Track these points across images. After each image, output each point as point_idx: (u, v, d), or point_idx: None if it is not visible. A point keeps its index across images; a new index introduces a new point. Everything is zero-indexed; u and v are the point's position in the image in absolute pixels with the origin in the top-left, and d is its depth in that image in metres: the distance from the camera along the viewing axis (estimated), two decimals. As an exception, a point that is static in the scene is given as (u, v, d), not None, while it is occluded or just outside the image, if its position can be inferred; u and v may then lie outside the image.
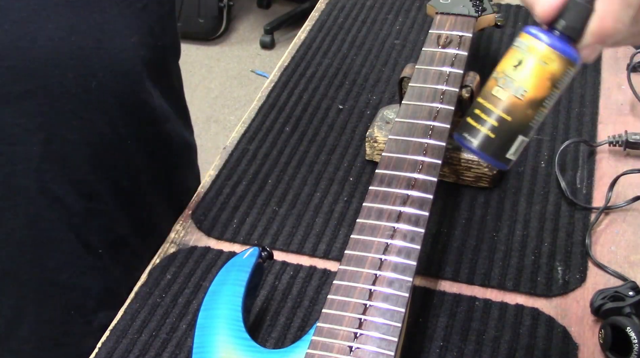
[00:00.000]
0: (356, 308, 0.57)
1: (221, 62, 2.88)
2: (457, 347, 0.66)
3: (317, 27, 1.08)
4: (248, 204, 0.81)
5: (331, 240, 0.76)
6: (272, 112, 0.93)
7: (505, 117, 0.48)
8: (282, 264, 0.74)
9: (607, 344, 0.64)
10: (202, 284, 0.73)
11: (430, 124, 0.68)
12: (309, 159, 0.86)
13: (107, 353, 0.68)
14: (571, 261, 0.73)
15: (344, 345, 0.55)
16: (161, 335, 0.69)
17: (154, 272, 0.75)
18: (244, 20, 3.12)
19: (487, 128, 0.48)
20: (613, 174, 0.80)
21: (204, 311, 0.64)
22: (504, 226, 0.77)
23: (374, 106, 0.93)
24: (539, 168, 0.83)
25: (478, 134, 0.49)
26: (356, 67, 1.00)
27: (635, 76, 0.93)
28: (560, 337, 0.67)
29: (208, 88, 2.74)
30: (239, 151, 0.88)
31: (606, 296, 0.67)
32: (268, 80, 1.00)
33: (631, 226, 0.77)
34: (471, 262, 0.73)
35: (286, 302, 0.71)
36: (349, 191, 0.82)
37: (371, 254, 0.60)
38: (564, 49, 0.46)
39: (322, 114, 0.93)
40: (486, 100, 0.49)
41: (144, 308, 0.71)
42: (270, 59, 2.88)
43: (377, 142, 0.83)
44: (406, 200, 0.63)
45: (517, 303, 0.70)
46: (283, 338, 0.68)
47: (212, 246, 0.77)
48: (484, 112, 0.49)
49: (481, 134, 0.49)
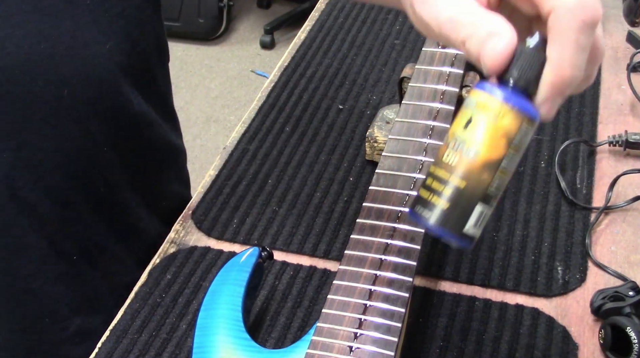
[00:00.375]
0: (356, 308, 0.57)
1: (221, 62, 2.88)
2: (457, 347, 0.66)
3: (317, 27, 1.08)
4: (248, 204, 0.81)
5: (331, 240, 0.76)
6: (272, 112, 0.93)
7: (458, 184, 0.42)
8: (282, 264, 0.74)
9: (607, 344, 0.64)
10: (202, 284, 0.73)
11: (430, 124, 0.68)
12: (309, 159, 0.86)
13: (107, 353, 0.68)
14: (571, 261, 0.73)
15: (344, 345, 0.55)
16: (161, 335, 0.69)
17: (154, 272, 0.75)
18: (244, 20, 3.12)
19: (440, 199, 0.43)
20: (613, 174, 0.80)
21: (204, 311, 0.64)
22: (504, 226, 0.77)
23: (374, 106, 0.93)
24: (539, 168, 0.83)
25: (432, 206, 0.43)
26: (356, 67, 1.00)
27: (635, 76, 0.93)
28: (560, 337, 0.67)
29: (208, 88, 2.74)
30: (239, 151, 0.88)
31: (606, 296, 0.67)
32: (268, 80, 1.00)
33: (631, 226, 0.77)
34: (471, 262, 0.73)
35: (286, 302, 0.71)
36: (349, 191, 0.82)
37: (371, 254, 0.60)
38: (517, 102, 0.41)
39: (322, 114, 0.93)
40: (438, 167, 0.43)
41: (144, 308, 0.71)
42: (270, 59, 2.88)
43: (377, 142, 0.83)
44: (406, 200, 0.63)
45: (517, 303, 0.70)
46: (283, 338, 0.68)
47: (212, 246, 0.77)
48: (436, 181, 0.43)
49: (435, 206, 0.43)
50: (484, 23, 0.41)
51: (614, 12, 1.06)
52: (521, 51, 0.40)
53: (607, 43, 1.02)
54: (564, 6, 0.39)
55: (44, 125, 0.68)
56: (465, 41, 0.41)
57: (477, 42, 0.41)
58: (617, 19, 1.04)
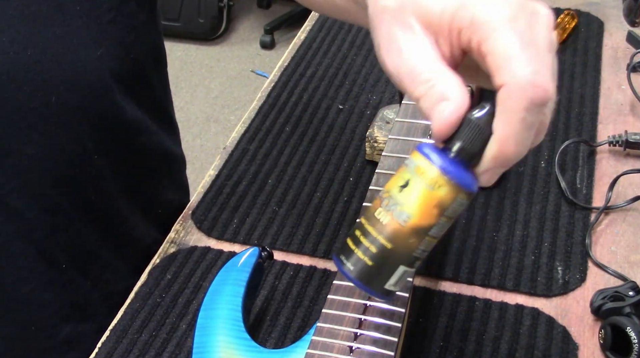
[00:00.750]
0: (356, 308, 0.57)
1: (221, 62, 2.89)
2: (457, 347, 0.66)
3: (317, 27, 1.08)
4: (248, 204, 0.81)
5: (331, 240, 0.76)
6: (272, 112, 0.93)
7: (385, 244, 0.42)
8: (282, 264, 0.74)
9: (607, 344, 0.64)
10: (202, 284, 0.73)
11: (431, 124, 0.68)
12: (309, 159, 0.86)
13: (107, 353, 0.68)
14: (571, 261, 0.73)
15: (344, 345, 0.55)
16: (161, 335, 0.69)
17: (154, 272, 0.75)
18: (244, 20, 3.12)
19: (365, 254, 0.43)
20: (613, 174, 0.80)
21: (204, 311, 0.64)
22: (504, 226, 0.77)
23: (374, 106, 0.93)
24: (539, 168, 0.83)
25: (355, 259, 0.43)
26: (356, 67, 1.00)
27: (635, 76, 0.93)
28: (560, 337, 0.67)
29: (208, 88, 2.74)
30: (239, 151, 0.88)
31: (606, 296, 0.67)
32: (268, 80, 1.00)
33: (631, 226, 0.77)
34: (471, 262, 0.73)
35: (286, 302, 0.71)
36: (349, 191, 0.82)
37: (371, 254, 0.60)
38: (456, 175, 0.40)
39: (322, 114, 0.93)
40: (368, 221, 0.43)
41: (144, 308, 0.71)
42: (270, 59, 2.88)
43: (377, 142, 0.83)
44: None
45: (517, 303, 0.70)
46: (283, 338, 0.68)
47: (212, 246, 0.77)
48: (364, 235, 0.43)
49: (358, 260, 0.43)
50: (438, 83, 0.40)
51: (614, 12, 1.07)
52: (469, 120, 0.40)
53: (607, 43, 1.02)
54: (515, 83, 0.38)
55: (30, 131, 0.67)
56: (419, 99, 0.41)
57: (429, 103, 0.40)
58: (617, 19, 1.04)
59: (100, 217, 0.77)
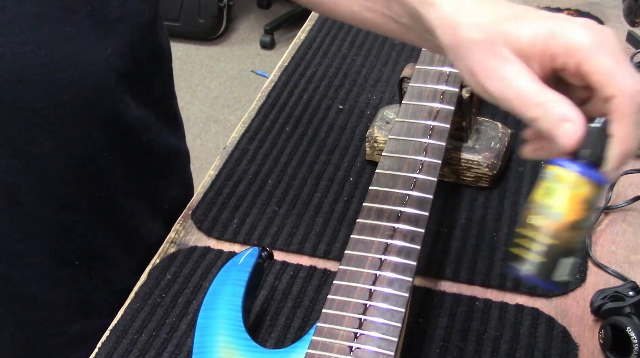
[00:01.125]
0: (356, 308, 0.57)
1: (221, 62, 2.88)
2: (457, 347, 0.66)
3: (317, 27, 1.08)
4: (248, 204, 0.81)
5: (331, 240, 0.76)
6: (272, 112, 0.93)
7: (550, 241, 0.49)
8: (282, 264, 0.74)
9: (607, 344, 0.64)
10: (202, 284, 0.73)
11: (430, 124, 0.68)
12: (309, 159, 0.86)
13: (107, 353, 0.68)
14: (571, 261, 0.73)
15: (344, 345, 0.55)
16: (161, 335, 0.69)
17: (154, 272, 0.75)
18: (244, 20, 3.12)
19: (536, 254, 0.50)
20: (613, 174, 0.80)
21: (204, 311, 0.64)
22: (504, 226, 0.77)
23: (374, 106, 0.93)
24: (539, 168, 0.83)
25: (529, 261, 0.50)
26: (356, 67, 1.00)
27: (635, 76, 0.93)
28: (560, 337, 0.67)
29: (208, 88, 2.74)
30: (239, 151, 0.88)
31: (606, 296, 0.67)
32: (268, 80, 1.00)
33: (631, 226, 0.77)
34: (471, 262, 0.73)
35: (286, 302, 0.71)
36: (349, 191, 0.82)
37: (371, 254, 0.60)
38: (592, 175, 0.48)
39: (322, 114, 0.93)
40: (525, 229, 0.50)
41: (144, 308, 0.71)
42: (270, 59, 2.88)
43: (377, 142, 0.83)
44: (406, 200, 0.63)
45: (517, 303, 0.70)
46: (283, 338, 0.68)
47: (212, 246, 0.77)
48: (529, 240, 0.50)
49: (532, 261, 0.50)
50: (554, 106, 0.47)
51: (614, 12, 1.07)
52: (590, 132, 0.47)
53: (607, 43, 1.02)
54: (625, 94, 0.45)
55: (43, 131, 0.68)
56: (537, 120, 0.47)
57: (550, 124, 0.47)
58: (617, 19, 1.04)
59: (110, 214, 0.78)
